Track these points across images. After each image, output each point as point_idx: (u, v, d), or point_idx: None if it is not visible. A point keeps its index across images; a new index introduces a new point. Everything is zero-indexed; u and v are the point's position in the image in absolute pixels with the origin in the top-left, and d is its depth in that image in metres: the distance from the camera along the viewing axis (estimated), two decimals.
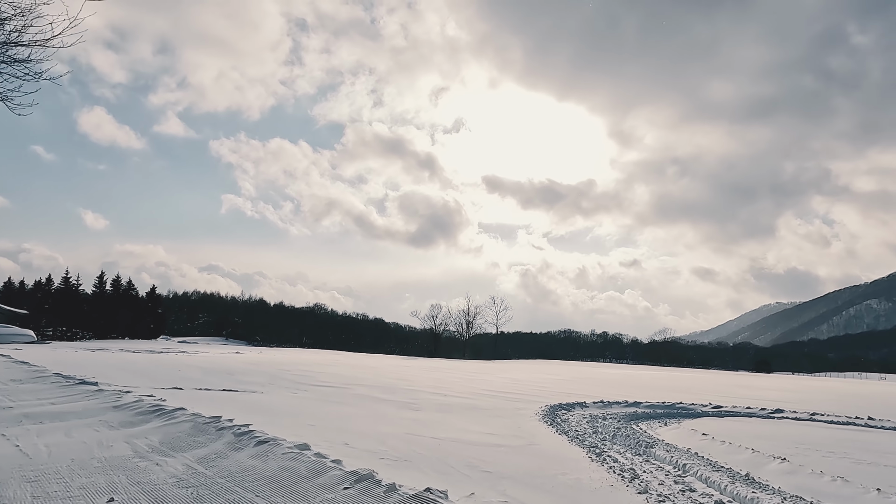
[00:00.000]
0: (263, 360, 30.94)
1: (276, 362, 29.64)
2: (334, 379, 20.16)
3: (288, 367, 25.49)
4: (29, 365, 17.03)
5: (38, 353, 28.74)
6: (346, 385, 17.72)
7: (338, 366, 29.22)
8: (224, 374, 19.15)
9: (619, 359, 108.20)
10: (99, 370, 16.91)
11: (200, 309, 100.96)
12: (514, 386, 21.62)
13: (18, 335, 48.44)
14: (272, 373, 21.50)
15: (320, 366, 29.37)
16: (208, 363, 25.64)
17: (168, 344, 56.37)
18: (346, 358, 43.55)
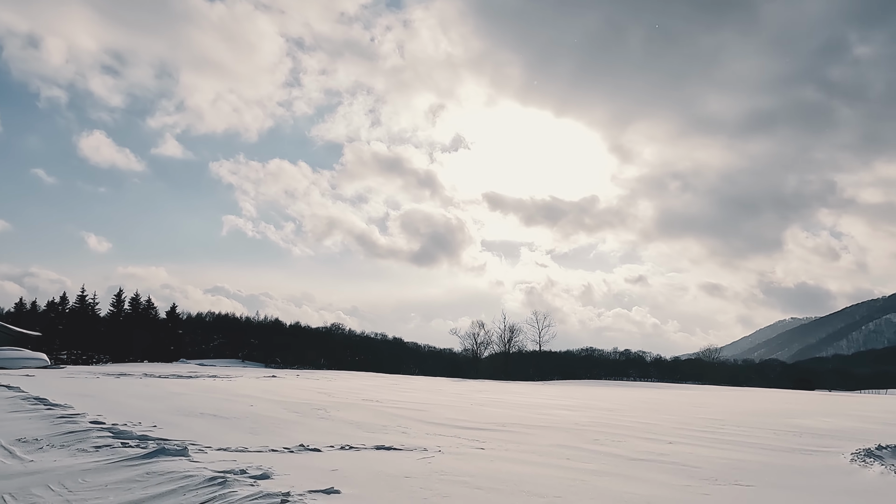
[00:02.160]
0: (325, 389, 26.29)
1: (343, 391, 25.01)
2: (469, 415, 15.49)
3: (375, 399, 20.99)
4: (48, 404, 12.52)
5: (56, 382, 24.18)
6: (523, 427, 13.13)
7: (416, 391, 24.69)
8: (316, 412, 14.62)
9: (644, 377, 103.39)
10: (148, 412, 12.48)
11: (215, 330, 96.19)
12: (716, 416, 16.89)
13: (30, 359, 43.75)
14: (376, 409, 16.88)
15: (398, 391, 24.81)
16: (270, 393, 21.07)
17: (190, 367, 51.65)
18: (402, 381, 38.78)
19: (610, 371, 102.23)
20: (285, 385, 28.29)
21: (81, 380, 27.91)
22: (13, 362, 42.79)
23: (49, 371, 39.58)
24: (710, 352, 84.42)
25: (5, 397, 13.84)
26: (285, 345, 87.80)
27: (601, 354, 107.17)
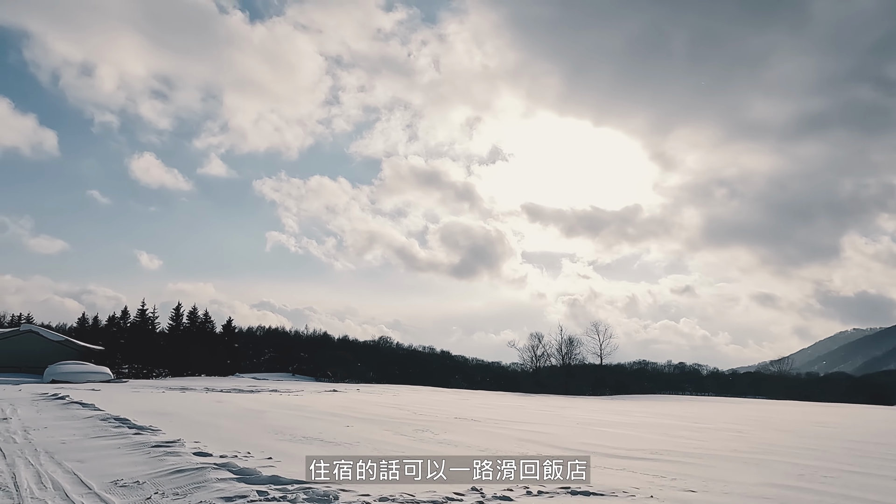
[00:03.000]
0: (401, 405, 24.30)
1: (422, 406, 22.96)
2: (603, 440, 13.23)
3: (470, 417, 18.87)
4: (132, 426, 10.80)
5: (126, 397, 22.88)
6: (687, 456, 10.84)
7: (496, 407, 22.48)
8: (422, 433, 12.52)
9: (700, 391, 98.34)
10: (243, 435, 10.67)
11: (265, 344, 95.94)
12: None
13: (95, 373, 43.28)
14: (483, 430, 14.78)
15: (480, 407, 22.63)
16: (350, 410, 19.18)
17: (247, 381, 50.59)
18: (468, 396, 36.44)
19: (664, 385, 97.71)
20: (357, 400, 26.46)
21: (150, 394, 26.72)
22: (78, 376, 42.37)
23: (114, 385, 38.91)
24: (782, 363, 79.26)
25: (83, 417, 12.30)
26: (334, 358, 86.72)
27: (654, 367, 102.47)
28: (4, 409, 13.87)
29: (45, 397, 16.98)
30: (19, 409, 13.76)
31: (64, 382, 41.28)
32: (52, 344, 49.10)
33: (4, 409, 13.62)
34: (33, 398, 16.99)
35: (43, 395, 17.77)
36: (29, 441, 8.91)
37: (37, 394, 19.57)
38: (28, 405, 15.06)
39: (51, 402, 15.84)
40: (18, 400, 16.80)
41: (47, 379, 41.90)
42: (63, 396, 16.72)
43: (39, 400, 16.51)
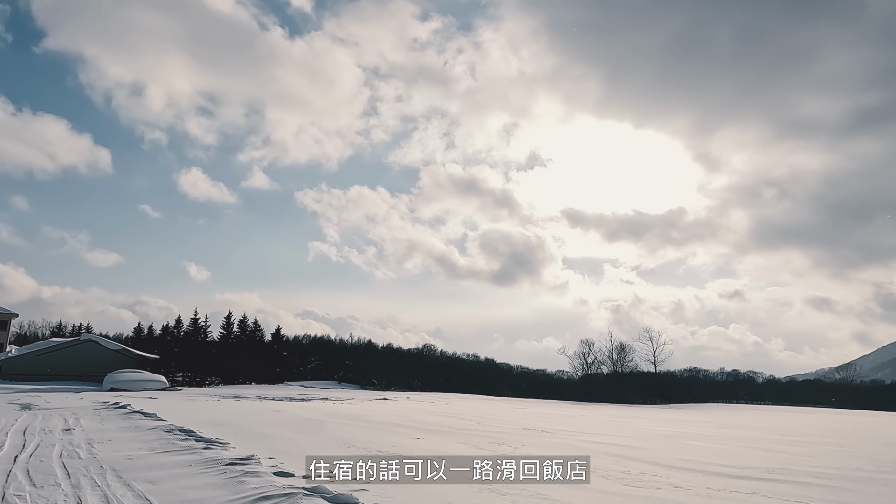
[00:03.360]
0: (459, 414, 23.17)
1: (482, 417, 21.75)
2: (709, 457, 11.74)
3: (541, 428, 17.58)
4: (199, 439, 10.00)
5: (184, 406, 22.47)
6: (812, 477, 9.33)
7: (564, 417, 21.05)
8: (493, 445, 11.38)
9: (756, 399, 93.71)
10: (314, 448, 9.70)
11: (311, 352, 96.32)
12: None
13: (151, 381, 43.75)
14: (560, 441, 13.44)
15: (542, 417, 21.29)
16: (411, 420, 18.15)
17: (297, 389, 50.41)
18: (525, 406, 34.96)
19: (716, 393, 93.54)
20: (412, 409, 25.49)
21: (206, 403, 26.39)
22: (135, 384, 42.87)
23: (169, 393, 39.13)
24: (848, 370, 74.62)
25: (147, 429, 11.64)
26: (379, 366, 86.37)
27: (706, 375, 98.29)
28: (67, 419, 13.39)
29: (106, 406, 16.59)
30: (82, 420, 13.25)
31: (122, 390, 41.81)
32: (110, 353, 50.07)
33: (68, 420, 13.13)
34: (95, 407, 16.62)
35: (104, 404, 17.41)
36: (94, 456, 8.19)
37: (98, 402, 19.29)
38: (91, 415, 14.59)
39: (112, 411, 15.37)
40: (81, 409, 16.43)
41: (106, 387, 42.54)
42: (124, 405, 16.27)
43: (101, 409, 16.09)
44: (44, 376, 47.21)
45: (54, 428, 11.58)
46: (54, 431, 11.02)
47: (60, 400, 23.50)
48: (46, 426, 11.91)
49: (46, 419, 13.32)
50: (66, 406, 17.64)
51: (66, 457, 8.09)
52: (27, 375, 46.96)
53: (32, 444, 9.29)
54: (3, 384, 44.44)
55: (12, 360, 48.29)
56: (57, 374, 47.85)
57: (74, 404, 19.16)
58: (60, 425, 12.05)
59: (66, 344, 51.24)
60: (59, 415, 14.57)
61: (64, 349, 50.03)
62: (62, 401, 22.04)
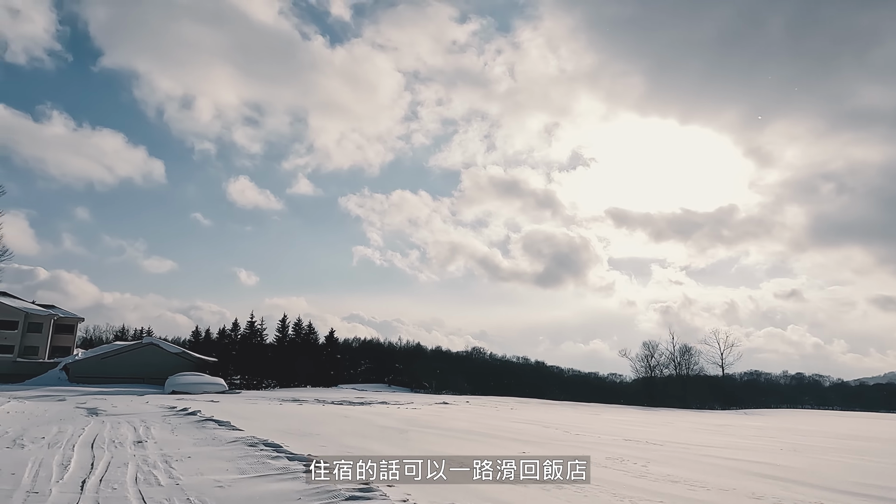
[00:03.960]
0: (540, 421, 20.97)
1: (566, 426, 19.51)
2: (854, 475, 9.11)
3: (646, 440, 15.26)
4: (292, 456, 8.23)
5: (249, 411, 21.07)
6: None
7: (642, 426, 18.59)
8: (614, 462, 9.11)
9: (822, 404, 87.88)
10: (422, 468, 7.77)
11: (360, 356, 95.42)
12: None
13: (211, 384, 43.11)
14: (707, 462, 11.14)
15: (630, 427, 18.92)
16: (495, 429, 16.09)
17: (354, 393, 49.13)
18: (599, 412, 32.28)
19: (779, 397, 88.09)
20: (483, 415, 23.45)
21: (269, 406, 25.05)
22: (196, 387, 42.31)
23: (230, 396, 38.31)
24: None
25: (226, 441, 10.01)
26: (429, 369, 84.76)
27: (768, 378, 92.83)
28: (137, 427, 11.95)
29: (174, 412, 15.21)
30: (153, 429, 11.78)
31: (183, 393, 41.28)
32: (170, 356, 49.96)
33: (137, 429, 11.68)
34: (163, 413, 15.25)
35: (172, 410, 16.05)
36: (176, 481, 6.51)
37: (165, 408, 18.03)
38: (160, 423, 13.16)
39: (183, 418, 13.93)
40: (149, 415, 15.09)
41: (168, 390, 42.12)
42: (194, 412, 14.85)
43: (170, 415, 14.71)
44: (108, 379, 47.35)
45: (124, 440, 10.09)
46: (125, 444, 9.51)
47: (126, 404, 22.52)
48: (116, 437, 10.46)
49: (115, 428, 11.91)
50: (134, 411, 16.40)
51: (144, 482, 6.43)
52: (93, 378, 47.19)
53: (102, 462, 7.73)
54: (71, 386, 44.71)
55: (79, 363, 48.70)
56: (120, 377, 47.95)
57: (141, 409, 17.97)
58: (131, 436, 10.56)
59: (129, 347, 51.47)
60: (128, 422, 13.20)
61: (127, 352, 50.21)
62: (128, 405, 21.00)
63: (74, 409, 19.78)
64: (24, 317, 50.18)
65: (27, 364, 48.86)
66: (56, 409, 19.00)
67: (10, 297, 52.01)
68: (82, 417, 14.98)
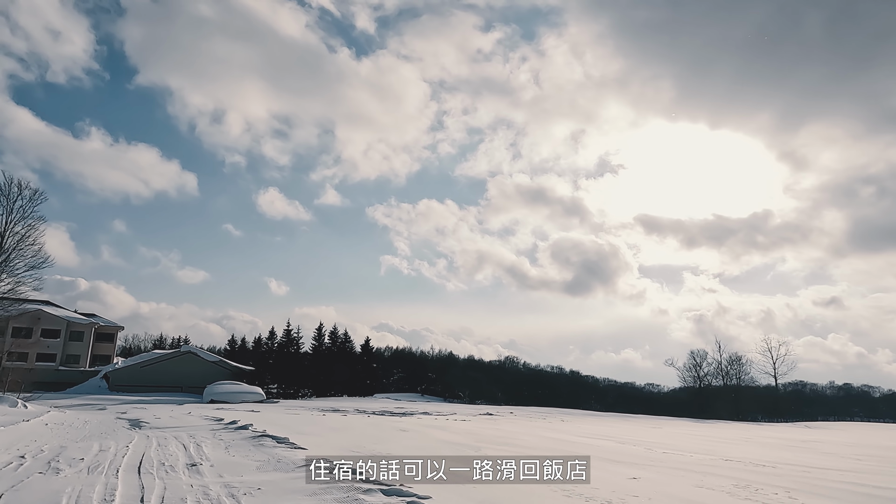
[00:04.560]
0: (615, 436, 18.75)
1: (645, 443, 17.23)
2: None
3: (735, 457, 12.94)
4: (385, 492, 6.40)
5: (294, 422, 19.36)
6: None
7: (723, 442, 16.12)
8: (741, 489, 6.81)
9: (873, 416, 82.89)
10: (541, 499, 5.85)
11: (392, 364, 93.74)
12: None
13: (249, 393, 41.83)
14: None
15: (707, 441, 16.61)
16: (568, 444, 14.01)
17: (393, 403, 47.35)
18: (660, 425, 29.49)
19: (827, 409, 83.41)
20: (545, 430, 21.32)
21: (313, 417, 23.37)
22: (234, 396, 41.06)
23: (269, 406, 36.91)
24: None
25: (293, 465, 8.23)
26: (461, 378, 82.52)
27: (813, 389, 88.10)
28: (187, 445, 10.30)
29: (223, 426, 13.57)
30: (204, 447, 10.11)
31: (222, 402, 40.03)
32: (208, 364, 48.96)
33: (187, 447, 10.02)
34: (211, 426, 13.62)
35: (219, 423, 14.41)
36: None
37: (211, 419, 16.45)
38: (211, 438, 11.50)
39: (234, 434, 12.27)
40: (196, 429, 13.48)
41: (206, 399, 40.96)
42: (244, 425, 13.19)
43: (220, 430, 13.07)
44: (147, 387, 46.51)
45: (175, 462, 8.41)
46: (177, 468, 7.82)
47: (167, 414, 21.10)
48: (165, 458, 8.81)
49: (162, 445, 10.28)
50: (179, 424, 14.85)
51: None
52: (132, 386, 46.41)
53: (154, 496, 6.03)
54: (111, 395, 43.95)
55: (119, 371, 48.03)
56: (158, 386, 47.08)
57: (186, 421, 16.43)
58: (182, 457, 8.89)
59: (168, 356, 50.68)
60: (175, 438, 11.59)
61: (165, 361, 49.39)
62: (170, 416, 19.56)
63: (115, 420, 18.39)
64: (66, 325, 49.83)
65: (69, 372, 48.37)
66: (96, 421, 17.62)
67: (53, 306, 51.80)
68: (125, 431, 13.47)
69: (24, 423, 13.99)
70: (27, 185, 30.49)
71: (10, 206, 29.99)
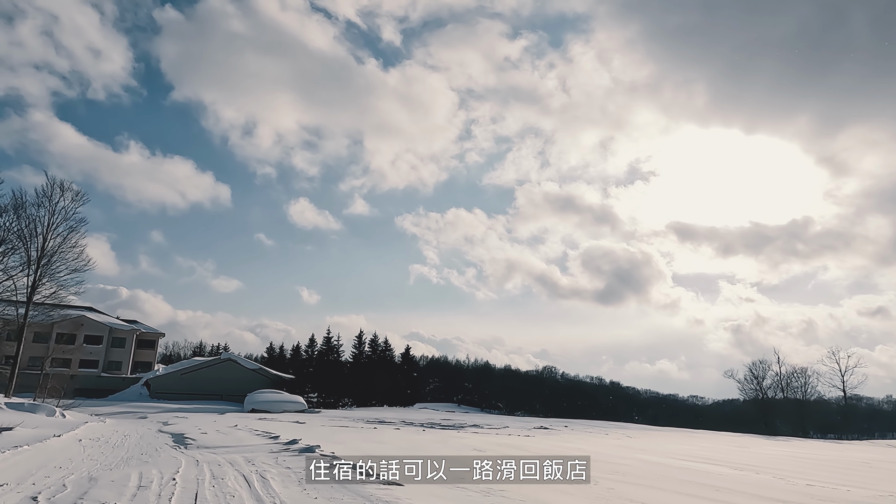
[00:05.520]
0: (712, 459, 15.47)
1: (766, 466, 13.96)
2: None
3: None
4: None
5: (349, 438, 16.76)
6: None
7: (855, 471, 12.90)
8: None
9: None
10: None
11: (429, 374, 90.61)
12: None
13: (290, 402, 39.57)
14: None
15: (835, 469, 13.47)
16: (700, 475, 10.84)
17: (443, 414, 44.59)
18: (747, 445, 25.72)
19: (886, 424, 77.27)
20: (640, 450, 18.29)
21: (367, 432, 20.80)
22: (275, 405, 38.84)
23: (313, 416, 34.56)
24: None
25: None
26: (499, 389, 79.13)
27: (869, 403, 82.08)
28: (249, 477, 7.78)
29: (283, 447, 11.05)
30: (271, 480, 7.57)
31: (263, 412, 37.83)
32: (248, 372, 47.06)
33: (250, 480, 7.50)
34: (269, 447, 11.11)
35: (277, 442, 11.86)
36: None
37: (264, 436, 13.98)
38: (274, 465, 8.97)
39: (300, 459, 9.72)
40: (252, 451, 11.01)
41: (247, 408, 38.84)
42: (309, 447, 10.64)
43: (280, 452, 10.55)
44: (187, 395, 44.76)
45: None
46: None
47: (212, 426, 18.80)
48: (223, 495, 6.32)
49: (217, 476, 7.78)
50: (229, 443, 12.43)
51: None
52: (172, 394, 44.70)
53: None
54: (152, 402, 42.27)
55: (160, 378, 46.45)
56: (199, 393, 45.27)
57: (235, 437, 14.01)
58: (247, 498, 6.36)
59: (208, 363, 48.97)
60: (230, 463, 9.10)
61: (205, 368, 47.65)
62: (216, 428, 17.23)
63: (157, 433, 16.13)
64: (109, 331, 48.59)
65: (111, 379, 47.01)
66: (136, 435, 15.37)
67: (96, 312, 50.71)
68: (168, 451, 11.10)
69: (54, 440, 11.75)
70: (69, 186, 29.02)
71: (53, 207, 28.51)
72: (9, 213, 27.59)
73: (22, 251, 28.19)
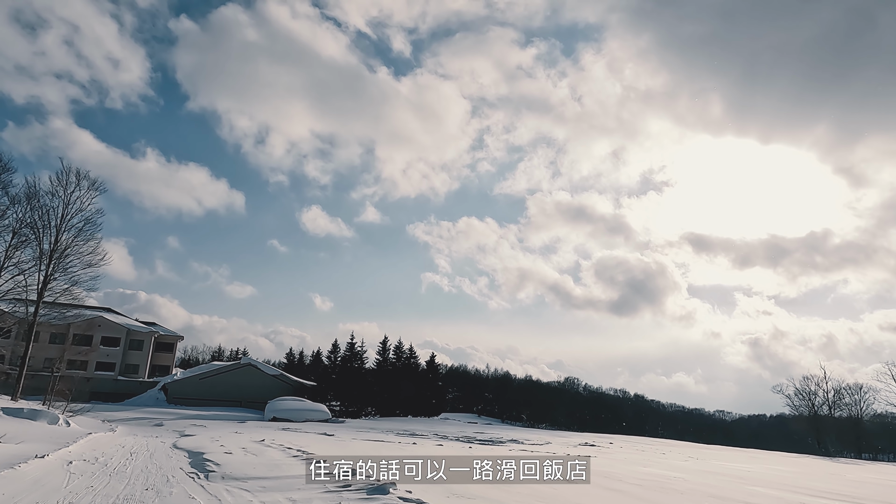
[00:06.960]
0: (787, 484, 11.81)
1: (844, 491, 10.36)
2: None
3: None
4: None
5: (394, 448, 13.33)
6: None
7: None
8: None
9: None
10: None
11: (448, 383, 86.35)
12: None
13: (313, 410, 36.18)
14: None
15: None
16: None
17: (475, 427, 41.04)
18: (826, 466, 21.88)
19: None
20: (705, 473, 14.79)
21: (410, 447, 17.51)
22: (298, 414, 35.48)
23: (338, 427, 31.20)
24: None
25: None
26: (520, 400, 75.09)
27: None
28: None
29: (341, 488, 7.77)
30: None
31: (285, 420, 34.48)
32: (268, 378, 43.82)
33: None
34: (327, 489, 7.82)
35: (333, 481, 8.54)
36: None
37: (304, 459, 10.70)
38: None
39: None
40: (298, 486, 7.75)
41: (268, 416, 35.55)
42: (378, 486, 7.36)
43: (343, 492, 7.28)
44: (205, 401, 41.61)
45: None
46: None
47: (235, 441, 15.58)
48: None
49: None
50: (263, 472, 9.20)
51: None
52: (190, 399, 41.53)
53: None
54: (168, 408, 39.17)
55: (177, 383, 43.37)
56: (217, 399, 42.08)
57: (268, 461, 10.75)
58: None
59: (227, 368, 45.84)
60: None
61: (224, 373, 44.49)
62: (241, 445, 14.01)
63: (171, 451, 12.92)
64: (126, 333, 45.70)
65: (127, 383, 44.05)
66: (145, 453, 12.18)
67: (114, 314, 47.91)
68: (183, 484, 7.89)
69: (33, 463, 8.58)
70: (85, 175, 26.21)
71: (67, 196, 25.65)
72: (22, 203, 24.85)
73: (34, 244, 25.38)
